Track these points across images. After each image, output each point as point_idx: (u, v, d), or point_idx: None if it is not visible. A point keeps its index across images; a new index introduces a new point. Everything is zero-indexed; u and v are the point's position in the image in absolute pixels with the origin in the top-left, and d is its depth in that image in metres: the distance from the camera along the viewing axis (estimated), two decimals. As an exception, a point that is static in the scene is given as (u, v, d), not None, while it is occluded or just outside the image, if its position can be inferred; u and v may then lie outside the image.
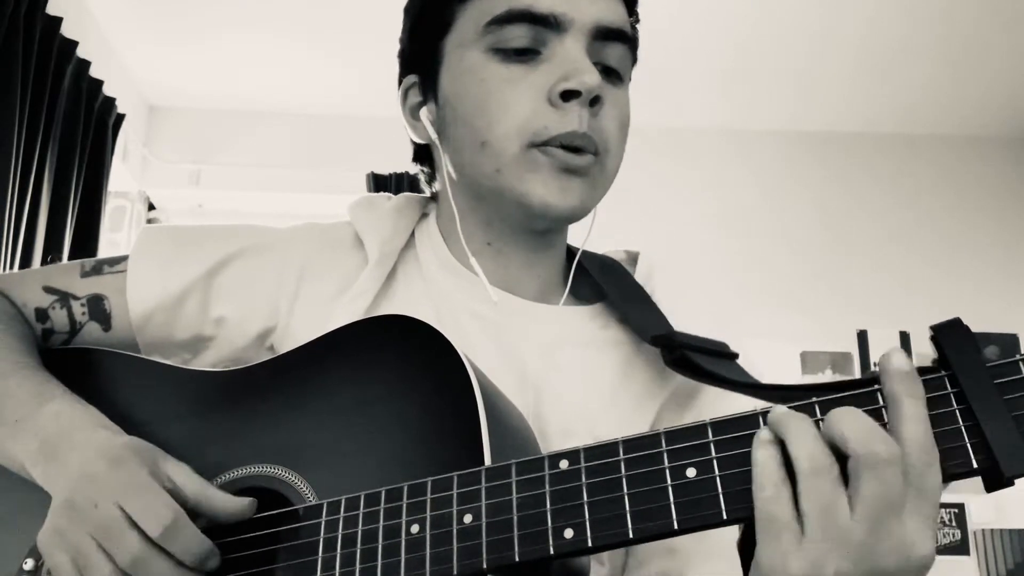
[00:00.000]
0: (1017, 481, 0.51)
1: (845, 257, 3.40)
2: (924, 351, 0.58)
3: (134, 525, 0.63)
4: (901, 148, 3.61)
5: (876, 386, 0.54)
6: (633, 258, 0.94)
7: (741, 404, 0.62)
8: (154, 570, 0.63)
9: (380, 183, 3.31)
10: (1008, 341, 3.07)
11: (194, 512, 0.66)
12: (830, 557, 0.50)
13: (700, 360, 0.74)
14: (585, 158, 0.77)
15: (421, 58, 0.86)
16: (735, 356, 0.78)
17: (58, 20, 2.60)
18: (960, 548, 3.03)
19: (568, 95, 0.76)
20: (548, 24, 0.77)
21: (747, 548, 0.72)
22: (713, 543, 0.77)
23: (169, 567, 0.63)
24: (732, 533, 0.79)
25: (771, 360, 3.03)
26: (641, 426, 0.81)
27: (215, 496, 0.67)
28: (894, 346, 0.56)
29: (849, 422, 0.51)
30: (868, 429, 0.51)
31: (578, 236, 0.90)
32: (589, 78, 0.75)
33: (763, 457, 0.53)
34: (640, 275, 0.90)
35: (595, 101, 0.77)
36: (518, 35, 0.78)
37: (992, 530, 3.05)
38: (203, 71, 3.34)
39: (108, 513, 0.64)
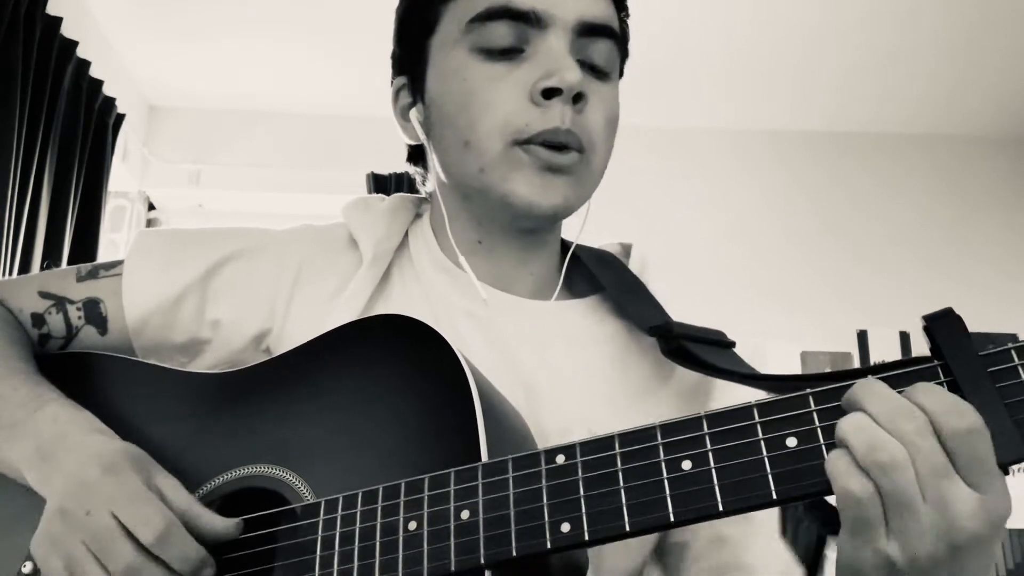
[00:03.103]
0: (1011, 471, 0.51)
1: (845, 257, 3.40)
2: (925, 351, 0.58)
3: (127, 533, 0.63)
4: (901, 148, 3.60)
5: (869, 376, 0.54)
6: (627, 250, 0.94)
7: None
8: None
9: (380, 183, 3.31)
10: (1008, 341, 3.07)
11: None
12: (928, 537, 0.49)
13: (697, 350, 0.74)
14: (568, 156, 0.77)
15: (409, 59, 0.86)
16: (732, 344, 0.78)
17: (58, 20, 2.60)
18: (960, 548, 3.02)
19: (549, 92, 0.76)
20: (529, 21, 0.77)
21: None
22: (755, 523, 0.79)
23: (163, 575, 0.63)
24: (770, 511, 0.79)
25: (771, 360, 3.03)
26: (639, 422, 0.81)
27: (202, 514, 0.67)
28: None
29: (932, 400, 0.50)
30: (950, 402, 0.50)
31: (573, 232, 0.90)
32: (570, 75, 0.75)
33: (835, 456, 0.51)
34: (634, 267, 0.90)
35: (578, 98, 0.77)
36: (501, 33, 0.77)
37: (992, 530, 3.05)
38: (203, 71, 3.34)
39: (101, 521, 0.64)
